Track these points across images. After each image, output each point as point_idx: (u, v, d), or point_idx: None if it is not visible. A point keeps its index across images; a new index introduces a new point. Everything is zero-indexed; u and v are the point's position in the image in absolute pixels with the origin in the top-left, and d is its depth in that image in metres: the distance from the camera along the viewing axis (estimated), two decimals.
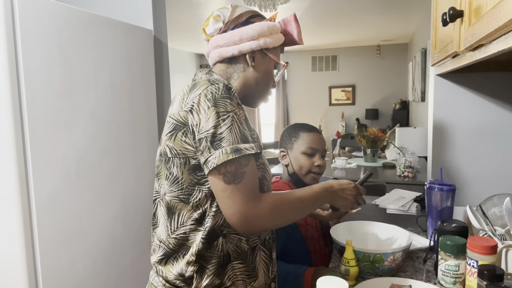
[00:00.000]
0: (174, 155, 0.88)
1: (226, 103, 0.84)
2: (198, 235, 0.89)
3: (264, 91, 1.05)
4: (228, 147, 0.81)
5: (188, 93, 0.88)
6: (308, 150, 1.35)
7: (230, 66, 1.01)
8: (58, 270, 1.42)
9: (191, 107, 0.85)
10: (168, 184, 0.91)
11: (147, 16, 2.06)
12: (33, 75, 1.32)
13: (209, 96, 0.84)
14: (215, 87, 0.85)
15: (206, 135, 0.82)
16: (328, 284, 0.86)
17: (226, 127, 0.82)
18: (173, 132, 0.88)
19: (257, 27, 0.97)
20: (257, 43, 0.98)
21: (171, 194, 0.90)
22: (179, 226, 0.90)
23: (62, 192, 1.44)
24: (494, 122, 1.52)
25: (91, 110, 1.58)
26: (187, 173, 0.87)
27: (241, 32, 0.97)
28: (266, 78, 1.04)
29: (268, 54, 1.02)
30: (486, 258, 0.90)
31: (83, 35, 1.54)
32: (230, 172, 0.82)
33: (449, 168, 1.57)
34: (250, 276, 0.93)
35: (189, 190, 0.88)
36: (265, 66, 1.02)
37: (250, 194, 0.83)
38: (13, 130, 1.27)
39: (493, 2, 0.65)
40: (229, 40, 0.98)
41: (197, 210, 0.88)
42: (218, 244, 0.89)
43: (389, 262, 1.08)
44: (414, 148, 3.39)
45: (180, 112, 0.87)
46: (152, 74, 2.01)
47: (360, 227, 1.31)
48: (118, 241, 1.74)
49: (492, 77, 1.50)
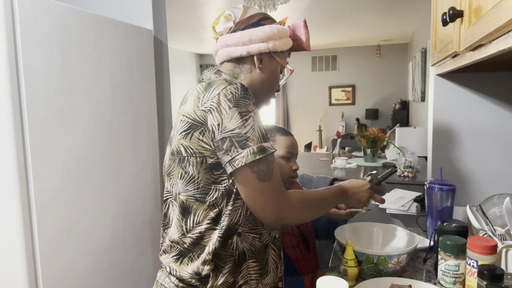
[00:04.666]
0: (190, 154, 0.88)
1: (246, 102, 0.85)
2: (214, 234, 0.90)
3: (268, 93, 1.06)
4: (254, 146, 0.83)
5: (203, 92, 0.88)
6: (287, 154, 1.28)
7: (237, 66, 1.02)
8: (58, 270, 1.42)
9: (211, 107, 0.85)
10: (183, 183, 0.91)
11: (147, 16, 2.06)
12: (33, 75, 1.32)
13: (229, 96, 0.84)
14: (234, 87, 0.86)
15: (231, 134, 0.83)
16: (328, 284, 0.86)
17: (250, 127, 0.84)
18: (188, 131, 0.88)
19: (267, 29, 0.98)
20: (266, 45, 0.99)
21: (186, 194, 0.91)
22: (194, 226, 0.91)
23: (62, 192, 1.44)
24: (494, 122, 1.52)
25: (91, 110, 1.58)
26: (203, 172, 0.88)
27: (251, 33, 0.98)
28: (272, 81, 1.04)
29: (275, 57, 1.03)
30: (486, 258, 0.90)
31: (83, 35, 1.54)
32: (262, 170, 0.84)
33: (449, 168, 1.57)
34: (262, 274, 0.95)
35: (205, 189, 0.88)
36: (272, 69, 1.03)
37: (280, 190, 0.86)
38: (13, 130, 1.27)
39: (493, 2, 0.65)
40: (238, 40, 0.99)
41: (213, 209, 0.89)
42: (233, 242, 0.90)
43: (393, 264, 1.07)
44: (414, 148, 3.38)
45: (196, 111, 0.87)
46: (152, 74, 2.01)
47: (365, 228, 1.30)
48: (118, 241, 1.74)
49: (492, 77, 1.50)
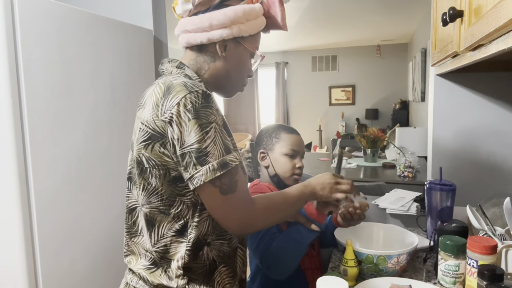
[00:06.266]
0: (152, 166, 0.82)
1: (207, 112, 0.78)
2: (180, 247, 0.85)
3: (237, 82, 0.97)
4: (214, 162, 0.77)
5: (162, 99, 0.80)
6: (290, 152, 1.28)
7: (200, 55, 0.92)
8: (58, 270, 1.42)
9: (170, 118, 0.78)
10: (146, 195, 0.85)
11: (147, 16, 2.06)
12: (33, 75, 1.32)
13: (188, 106, 0.77)
14: (194, 95, 0.78)
15: (190, 150, 0.77)
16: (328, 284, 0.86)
17: (211, 140, 0.78)
18: (149, 142, 0.82)
19: (230, 12, 0.85)
20: (229, 31, 0.86)
21: (149, 206, 0.85)
22: (159, 239, 0.86)
23: (62, 192, 1.44)
24: (494, 122, 1.52)
25: (91, 110, 1.58)
26: (167, 185, 0.82)
27: (211, 17, 0.85)
28: (240, 69, 0.94)
29: (242, 43, 0.91)
30: (486, 258, 0.90)
31: (83, 35, 1.53)
32: (225, 183, 0.79)
33: (449, 168, 1.57)
34: (233, 276, 0.94)
35: (170, 201, 0.83)
36: (238, 56, 0.92)
37: (246, 199, 0.83)
38: (13, 130, 1.27)
39: (493, 2, 0.65)
40: (197, 25, 0.87)
41: (178, 221, 0.84)
42: (203, 253, 0.87)
43: (393, 264, 1.07)
44: (414, 148, 3.38)
45: (156, 121, 0.80)
46: (152, 74, 2.01)
47: (366, 228, 1.30)
48: (118, 241, 1.74)
49: (492, 77, 1.50)
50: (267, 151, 1.33)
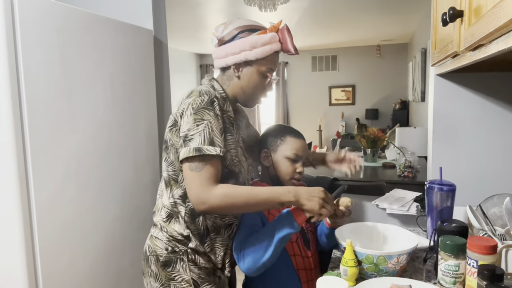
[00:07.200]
0: (171, 144, 1.16)
1: (205, 112, 1.07)
2: (182, 210, 1.16)
3: (253, 96, 1.23)
4: (193, 146, 1.04)
5: (184, 99, 1.12)
6: (293, 156, 1.28)
7: (223, 74, 1.24)
8: (58, 270, 1.42)
9: (182, 112, 1.10)
10: (166, 165, 1.19)
11: (147, 16, 2.06)
12: (33, 75, 1.32)
13: (194, 105, 1.08)
14: (201, 99, 1.08)
15: (183, 134, 1.08)
16: (328, 284, 0.86)
17: (197, 131, 1.05)
18: (171, 127, 1.15)
19: (239, 43, 1.14)
20: (238, 57, 1.15)
21: (167, 173, 1.19)
22: (169, 198, 1.18)
23: (62, 192, 1.44)
24: (494, 122, 1.52)
25: (91, 110, 1.58)
26: (176, 159, 1.15)
27: (226, 48, 1.17)
28: (252, 85, 1.20)
29: (252, 65, 1.18)
30: (486, 258, 0.90)
31: (83, 35, 1.54)
32: (194, 163, 1.05)
33: (449, 168, 1.57)
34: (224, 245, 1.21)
35: (178, 172, 1.16)
36: (249, 75, 1.19)
37: (206, 182, 1.04)
38: (13, 130, 1.27)
39: (493, 2, 0.65)
40: (219, 54, 1.19)
41: (181, 189, 1.16)
42: (199, 220, 1.17)
43: (393, 264, 1.07)
44: (414, 148, 3.38)
45: (176, 113, 1.13)
46: (152, 74, 2.01)
47: (366, 228, 1.30)
48: (118, 241, 1.74)
49: (492, 77, 1.50)
50: (270, 151, 1.33)
